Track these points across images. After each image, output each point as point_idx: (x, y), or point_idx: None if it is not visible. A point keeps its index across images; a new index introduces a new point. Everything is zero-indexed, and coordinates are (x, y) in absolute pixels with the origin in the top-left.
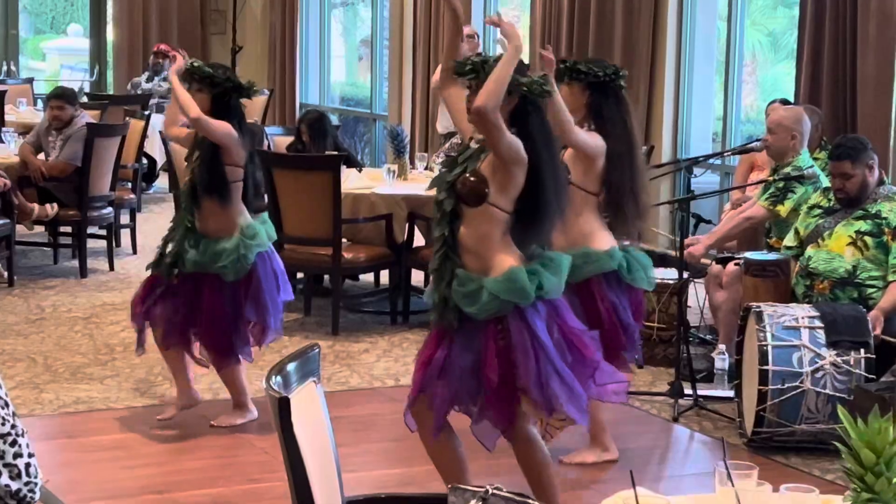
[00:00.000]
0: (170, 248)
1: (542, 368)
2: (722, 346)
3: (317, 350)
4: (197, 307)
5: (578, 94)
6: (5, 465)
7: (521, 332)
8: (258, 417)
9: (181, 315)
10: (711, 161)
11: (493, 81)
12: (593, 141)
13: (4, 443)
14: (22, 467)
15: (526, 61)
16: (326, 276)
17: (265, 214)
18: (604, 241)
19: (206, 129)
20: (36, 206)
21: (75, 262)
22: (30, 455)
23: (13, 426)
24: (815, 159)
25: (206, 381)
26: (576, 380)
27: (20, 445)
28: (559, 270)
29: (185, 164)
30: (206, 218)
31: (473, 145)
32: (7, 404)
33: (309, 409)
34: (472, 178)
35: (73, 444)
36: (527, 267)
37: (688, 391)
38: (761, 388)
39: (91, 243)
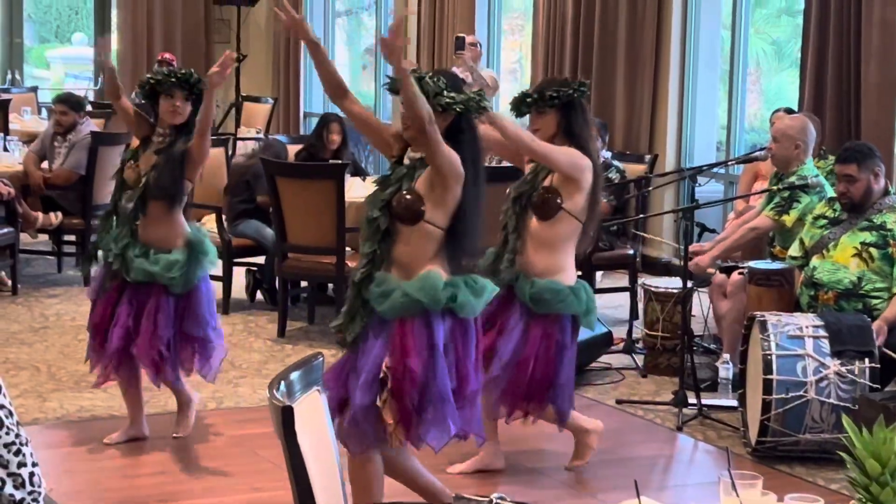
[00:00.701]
0: (109, 255)
1: (427, 378)
2: (726, 356)
3: (321, 359)
4: (138, 320)
5: (553, 120)
6: (9, 475)
7: (421, 335)
8: (197, 400)
9: (129, 332)
10: (715, 170)
11: (418, 96)
12: (569, 153)
13: (8, 452)
14: (26, 476)
15: (528, 75)
16: (330, 285)
17: (203, 227)
18: (573, 276)
19: (207, 146)
20: (40, 215)
21: (79, 271)
22: (33, 464)
23: (17, 435)
24: (816, 168)
25: (208, 390)
26: (452, 406)
27: (24, 455)
28: (480, 293)
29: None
30: (150, 225)
31: (406, 162)
32: (11, 413)
33: (312, 418)
34: (408, 196)
35: (77, 452)
36: (447, 279)
37: (692, 400)
38: (765, 397)
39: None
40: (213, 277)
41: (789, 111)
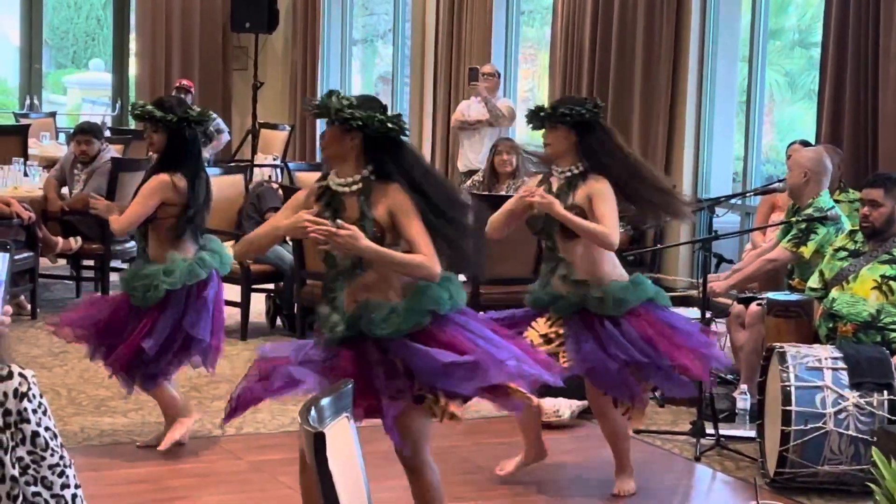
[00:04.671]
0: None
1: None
2: (744, 386)
3: (350, 385)
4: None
5: (564, 136)
6: (53, 496)
7: None
8: (198, 418)
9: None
10: (732, 201)
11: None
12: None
13: (53, 473)
14: (69, 498)
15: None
16: None
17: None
18: (620, 270)
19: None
20: (60, 240)
21: (98, 296)
22: (76, 486)
23: (61, 457)
24: (837, 201)
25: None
26: None
27: (67, 476)
28: None
29: None
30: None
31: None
32: (56, 435)
33: (342, 443)
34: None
35: (98, 477)
36: None
37: (710, 431)
38: (784, 428)
39: (114, 277)
40: (232, 303)
41: (805, 143)
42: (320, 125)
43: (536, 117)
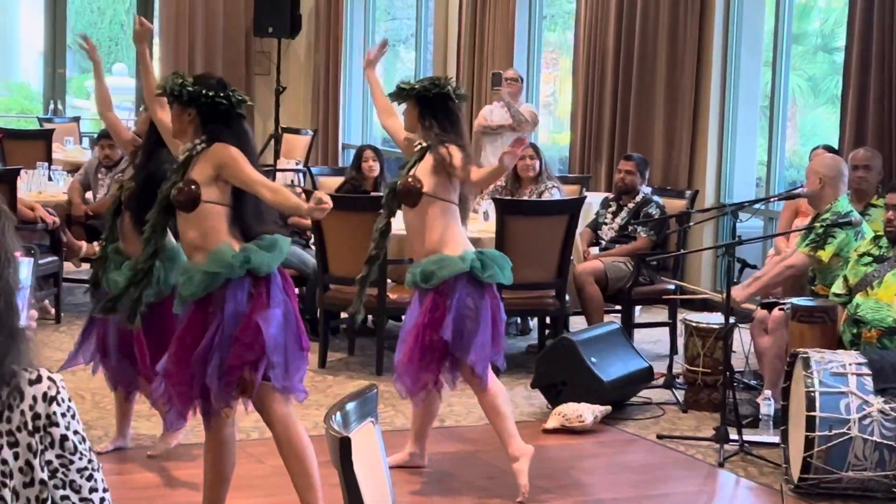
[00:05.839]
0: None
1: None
2: (767, 392)
3: (375, 390)
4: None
5: (408, 111)
6: (81, 500)
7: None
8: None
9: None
10: (755, 206)
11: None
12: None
13: (81, 477)
14: (97, 502)
15: (563, 108)
16: (370, 316)
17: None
18: (457, 246)
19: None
20: (84, 244)
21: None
22: (105, 489)
23: (90, 460)
24: (874, 206)
25: (251, 420)
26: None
27: (96, 480)
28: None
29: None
30: (128, 237)
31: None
32: (84, 439)
33: (367, 448)
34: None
35: (122, 481)
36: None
37: (733, 436)
38: (808, 434)
39: None
40: None
41: (829, 148)
42: (343, 131)
43: (391, 93)
